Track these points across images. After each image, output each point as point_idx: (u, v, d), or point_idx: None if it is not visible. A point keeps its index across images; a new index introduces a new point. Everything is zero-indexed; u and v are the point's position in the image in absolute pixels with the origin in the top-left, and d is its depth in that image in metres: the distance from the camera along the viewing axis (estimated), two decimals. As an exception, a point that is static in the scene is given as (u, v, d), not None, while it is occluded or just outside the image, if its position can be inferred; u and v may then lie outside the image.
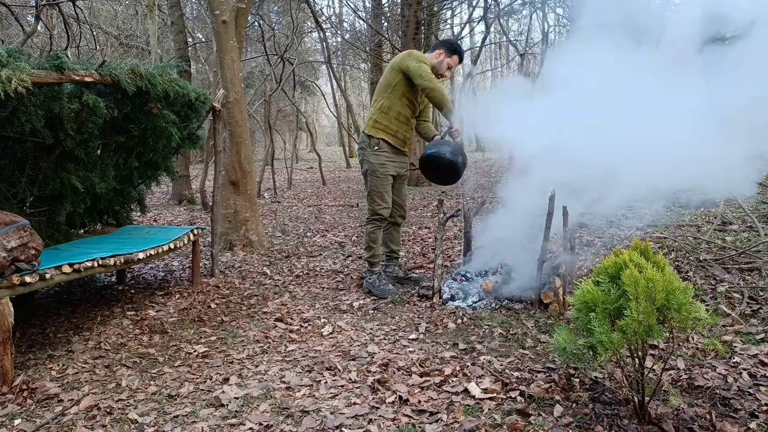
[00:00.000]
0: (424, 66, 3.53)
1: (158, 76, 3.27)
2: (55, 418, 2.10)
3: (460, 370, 2.38)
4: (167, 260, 4.92)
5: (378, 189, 3.74)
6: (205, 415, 2.09)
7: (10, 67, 2.43)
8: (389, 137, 3.71)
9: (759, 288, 3.13)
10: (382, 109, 3.69)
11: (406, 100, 3.67)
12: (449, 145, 3.64)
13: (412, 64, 3.53)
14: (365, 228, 3.84)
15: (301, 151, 25.27)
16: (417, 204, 8.06)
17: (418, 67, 3.51)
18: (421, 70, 3.50)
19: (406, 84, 3.61)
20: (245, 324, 3.18)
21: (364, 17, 13.42)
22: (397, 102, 3.66)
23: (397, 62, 3.64)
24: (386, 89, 3.68)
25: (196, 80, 15.04)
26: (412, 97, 3.69)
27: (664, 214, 5.66)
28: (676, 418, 1.86)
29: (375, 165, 3.72)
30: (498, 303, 3.35)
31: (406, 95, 3.66)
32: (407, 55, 3.65)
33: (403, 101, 3.67)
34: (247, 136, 5.10)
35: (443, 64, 3.70)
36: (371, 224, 3.80)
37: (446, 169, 3.60)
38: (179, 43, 8.58)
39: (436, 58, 3.69)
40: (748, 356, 2.34)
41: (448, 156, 3.55)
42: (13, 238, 2.36)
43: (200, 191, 8.43)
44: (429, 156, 3.62)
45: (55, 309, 3.49)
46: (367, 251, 3.84)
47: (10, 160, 3.28)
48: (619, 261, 1.80)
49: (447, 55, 3.72)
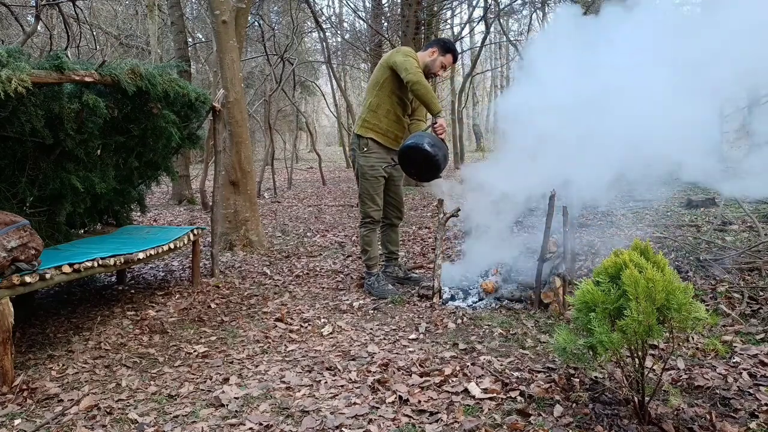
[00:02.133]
0: (410, 60, 3.45)
1: (158, 76, 3.27)
2: (55, 418, 2.10)
3: (460, 370, 2.38)
4: (167, 260, 4.92)
5: (368, 192, 3.70)
6: (205, 415, 2.09)
7: (10, 67, 2.43)
8: (378, 136, 3.64)
9: (759, 288, 3.13)
10: (371, 108, 3.63)
11: (396, 97, 3.60)
12: (429, 137, 3.46)
13: (399, 58, 3.47)
14: (360, 231, 3.82)
15: (301, 151, 25.27)
16: (417, 204, 8.06)
17: (404, 60, 3.44)
18: (407, 63, 3.42)
19: (395, 80, 3.54)
20: (245, 324, 3.18)
21: (364, 17, 13.42)
22: (386, 99, 3.59)
23: (386, 58, 3.59)
24: (375, 87, 3.62)
25: (196, 80, 15.04)
26: (401, 95, 3.61)
27: (664, 214, 5.67)
28: (676, 418, 1.86)
29: (364, 167, 3.67)
30: (498, 303, 3.35)
31: (396, 92, 3.58)
32: (395, 51, 3.60)
33: (392, 99, 3.60)
34: (247, 136, 5.10)
35: (436, 62, 3.63)
36: (364, 227, 3.77)
37: (423, 162, 3.42)
38: (179, 43, 8.58)
39: (429, 56, 3.63)
40: (748, 356, 2.34)
41: (426, 148, 3.37)
42: (13, 238, 2.36)
43: (200, 191, 8.43)
44: (407, 147, 3.46)
45: (55, 309, 3.49)
46: (363, 254, 3.81)
47: (10, 160, 3.28)
48: (619, 261, 1.80)
49: (440, 53, 3.66)
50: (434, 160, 3.40)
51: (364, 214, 3.77)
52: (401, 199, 3.95)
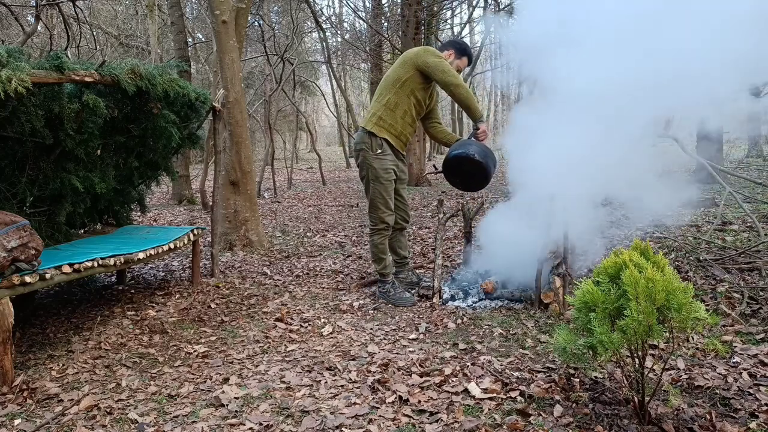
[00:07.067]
0: (444, 61, 3.33)
1: (158, 76, 3.27)
2: (55, 418, 2.10)
3: (460, 370, 2.38)
4: (167, 260, 4.92)
5: (382, 196, 3.50)
6: (205, 415, 2.09)
7: (10, 67, 2.43)
8: (392, 138, 3.47)
9: (759, 288, 3.13)
10: (389, 106, 3.44)
11: (414, 99, 3.45)
12: (476, 145, 3.38)
13: (431, 59, 3.32)
14: (371, 240, 3.61)
15: (301, 151, 25.29)
16: (417, 204, 8.06)
17: (439, 62, 3.31)
18: (443, 65, 3.30)
19: (418, 81, 3.40)
20: (245, 324, 3.18)
21: (364, 17, 13.43)
22: (405, 99, 3.43)
23: (412, 57, 3.40)
24: (395, 84, 3.43)
25: (196, 80, 15.05)
26: (420, 97, 3.48)
27: (663, 214, 5.66)
28: (676, 418, 1.86)
29: (379, 171, 3.46)
30: (498, 303, 3.35)
31: (415, 94, 3.44)
32: (423, 50, 3.42)
33: (411, 99, 3.44)
34: (247, 136, 5.10)
35: (453, 65, 3.48)
36: (378, 234, 3.57)
37: (472, 172, 3.35)
38: (179, 43, 8.59)
39: (445, 59, 3.44)
40: (748, 356, 2.34)
41: (476, 157, 3.28)
42: (13, 238, 2.36)
43: (200, 191, 8.43)
44: (454, 157, 3.35)
45: (55, 309, 3.49)
46: (378, 263, 3.61)
47: (10, 160, 3.28)
48: (619, 261, 1.80)
49: (456, 56, 3.55)
50: (484, 170, 3.32)
51: (377, 219, 3.55)
52: (407, 202, 3.83)
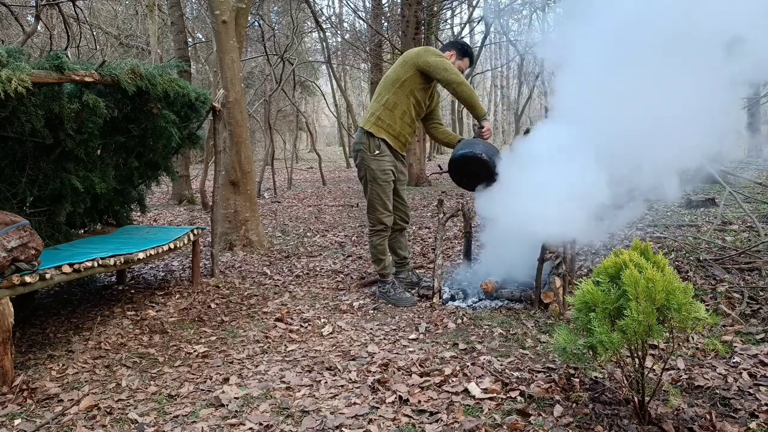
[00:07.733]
0: (445, 60, 3.32)
1: (158, 76, 3.27)
2: (55, 418, 2.10)
3: (460, 370, 2.38)
4: (167, 260, 4.92)
5: (380, 197, 3.49)
6: (205, 415, 2.09)
7: (10, 67, 2.43)
8: (391, 138, 3.46)
9: (759, 288, 3.13)
10: (388, 106, 3.42)
11: (414, 99, 3.43)
12: (481, 143, 3.36)
13: (432, 59, 3.30)
14: (370, 240, 3.61)
15: (301, 151, 25.28)
16: (417, 204, 8.06)
17: (440, 61, 3.29)
18: (445, 63, 3.29)
19: (418, 81, 3.38)
20: (245, 324, 3.18)
21: (364, 17, 13.43)
22: (404, 100, 3.41)
23: (412, 57, 3.38)
24: (394, 84, 3.41)
25: (196, 80, 15.05)
26: (420, 98, 3.45)
27: (664, 214, 5.67)
28: (676, 418, 1.86)
29: (376, 172, 3.45)
30: (498, 303, 3.35)
31: (415, 94, 3.42)
32: (424, 50, 3.41)
33: (410, 100, 3.42)
34: (247, 136, 5.10)
35: (454, 66, 3.42)
36: (376, 235, 3.56)
37: (478, 171, 3.34)
38: (179, 43, 8.59)
39: (446, 58, 3.43)
40: (748, 356, 2.34)
41: (483, 156, 3.27)
42: (13, 238, 2.36)
43: (200, 191, 8.43)
44: (460, 156, 3.34)
45: (55, 309, 3.49)
46: (377, 264, 3.61)
47: (10, 160, 3.28)
48: (619, 261, 1.80)
49: (458, 57, 3.54)
50: (491, 168, 3.31)
51: (376, 221, 3.54)
52: (407, 203, 3.81)
